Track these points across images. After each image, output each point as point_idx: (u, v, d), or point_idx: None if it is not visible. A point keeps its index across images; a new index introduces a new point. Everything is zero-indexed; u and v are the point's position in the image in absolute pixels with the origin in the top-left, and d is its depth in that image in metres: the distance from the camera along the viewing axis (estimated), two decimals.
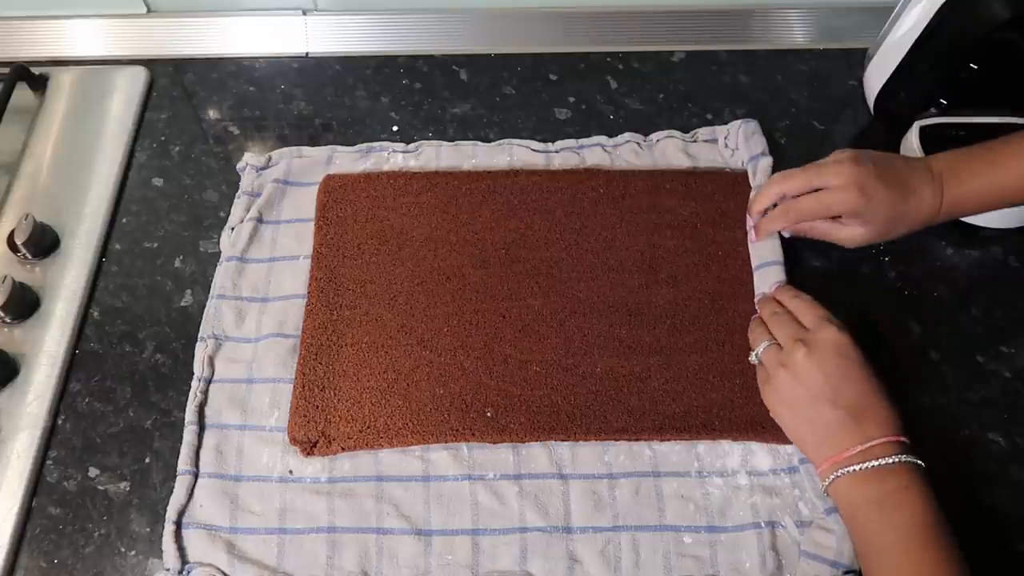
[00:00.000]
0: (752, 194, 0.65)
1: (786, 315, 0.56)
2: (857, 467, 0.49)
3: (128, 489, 0.55)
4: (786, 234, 0.62)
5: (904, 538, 0.47)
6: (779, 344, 0.55)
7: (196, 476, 0.54)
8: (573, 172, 0.67)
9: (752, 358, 0.57)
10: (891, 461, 0.48)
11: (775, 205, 0.61)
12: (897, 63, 0.66)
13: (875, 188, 0.56)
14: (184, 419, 0.56)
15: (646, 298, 0.61)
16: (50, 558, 0.53)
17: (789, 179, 0.60)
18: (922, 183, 0.57)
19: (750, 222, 0.63)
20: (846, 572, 0.50)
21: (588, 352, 0.59)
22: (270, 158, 0.69)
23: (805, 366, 0.52)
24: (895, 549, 0.47)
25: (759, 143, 0.67)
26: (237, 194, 0.67)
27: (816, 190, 0.59)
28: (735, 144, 0.69)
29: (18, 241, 0.62)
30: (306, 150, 0.69)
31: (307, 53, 0.78)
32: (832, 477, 0.50)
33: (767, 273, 0.61)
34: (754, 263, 0.62)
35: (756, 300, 0.60)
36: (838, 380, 0.51)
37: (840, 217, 0.59)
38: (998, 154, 0.57)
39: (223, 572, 0.51)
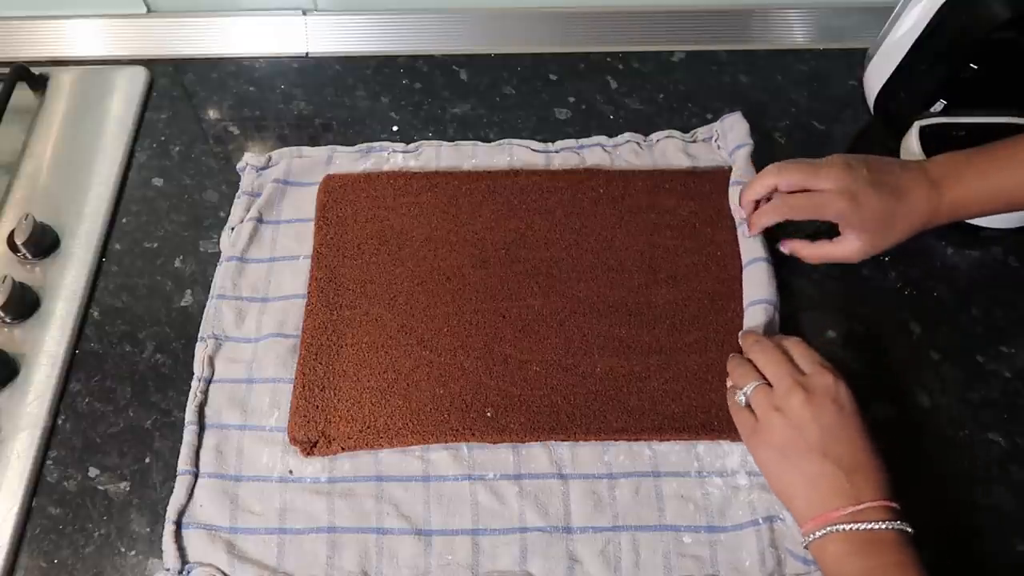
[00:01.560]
0: (732, 181, 0.64)
1: (778, 352, 0.53)
2: (847, 527, 0.46)
3: (128, 489, 0.55)
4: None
5: None
6: (768, 384, 0.52)
7: (196, 476, 0.54)
8: (573, 172, 0.67)
9: (739, 398, 0.53)
10: (882, 527, 0.45)
11: (769, 198, 0.60)
12: (897, 63, 0.66)
13: (866, 195, 0.56)
14: (184, 419, 0.56)
15: (646, 298, 0.61)
16: (50, 558, 0.53)
17: (784, 173, 0.59)
18: (916, 186, 0.56)
19: (739, 214, 0.63)
20: None
21: (588, 352, 0.59)
22: (270, 158, 0.69)
23: (802, 412, 0.49)
24: None
25: (738, 135, 0.67)
26: (237, 194, 0.67)
27: (807, 190, 0.58)
28: (725, 143, 0.69)
29: (18, 241, 0.62)
30: (306, 150, 0.69)
31: (307, 53, 0.78)
32: (819, 534, 0.46)
33: (755, 270, 0.61)
34: (744, 259, 0.62)
35: (740, 335, 0.58)
36: (834, 432, 0.48)
37: (829, 238, 0.59)
38: (999, 157, 0.56)
39: (223, 572, 0.51)
